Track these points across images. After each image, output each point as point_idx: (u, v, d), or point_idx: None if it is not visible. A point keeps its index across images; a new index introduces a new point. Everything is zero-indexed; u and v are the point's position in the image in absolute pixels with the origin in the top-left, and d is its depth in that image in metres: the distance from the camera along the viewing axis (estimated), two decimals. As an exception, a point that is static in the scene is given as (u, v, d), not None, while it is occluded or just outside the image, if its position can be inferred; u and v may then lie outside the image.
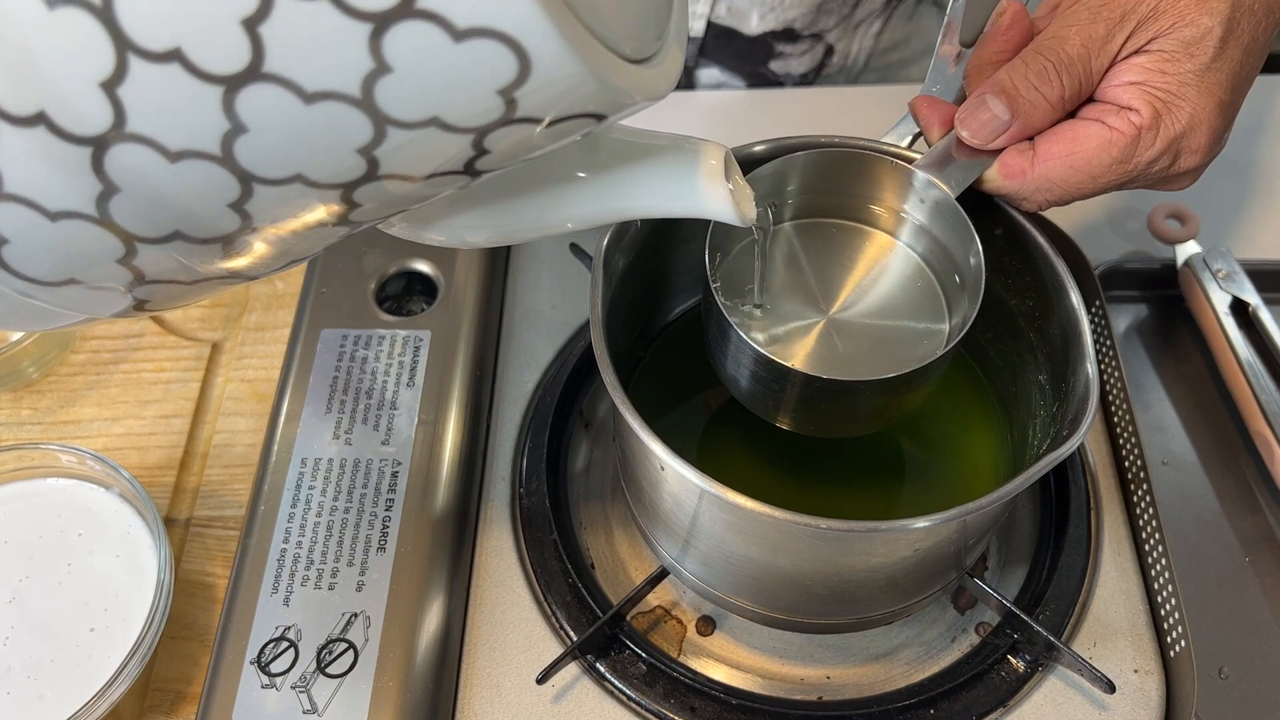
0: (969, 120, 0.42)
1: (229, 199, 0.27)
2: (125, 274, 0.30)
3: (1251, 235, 0.67)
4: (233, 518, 0.55)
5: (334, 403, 0.54)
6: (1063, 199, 0.43)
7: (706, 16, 0.75)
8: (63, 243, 0.28)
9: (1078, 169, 0.41)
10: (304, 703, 0.44)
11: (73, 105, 0.24)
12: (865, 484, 0.49)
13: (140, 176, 0.26)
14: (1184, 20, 0.40)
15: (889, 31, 0.79)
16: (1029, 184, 0.42)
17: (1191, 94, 0.41)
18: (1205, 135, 0.41)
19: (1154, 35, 0.41)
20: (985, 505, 0.36)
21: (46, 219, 0.27)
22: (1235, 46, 0.41)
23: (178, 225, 0.28)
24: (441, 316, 0.57)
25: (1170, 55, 0.41)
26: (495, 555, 0.51)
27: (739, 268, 0.45)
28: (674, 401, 0.51)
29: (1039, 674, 0.46)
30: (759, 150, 0.45)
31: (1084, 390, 0.39)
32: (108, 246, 0.28)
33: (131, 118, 0.24)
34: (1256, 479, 0.57)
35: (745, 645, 0.49)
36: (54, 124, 0.25)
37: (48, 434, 0.58)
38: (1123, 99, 0.41)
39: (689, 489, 0.39)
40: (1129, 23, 0.41)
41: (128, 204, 0.27)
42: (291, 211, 0.28)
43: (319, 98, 0.24)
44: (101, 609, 0.49)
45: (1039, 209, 0.44)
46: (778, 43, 0.77)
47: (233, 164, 0.26)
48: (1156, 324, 0.64)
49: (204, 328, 0.63)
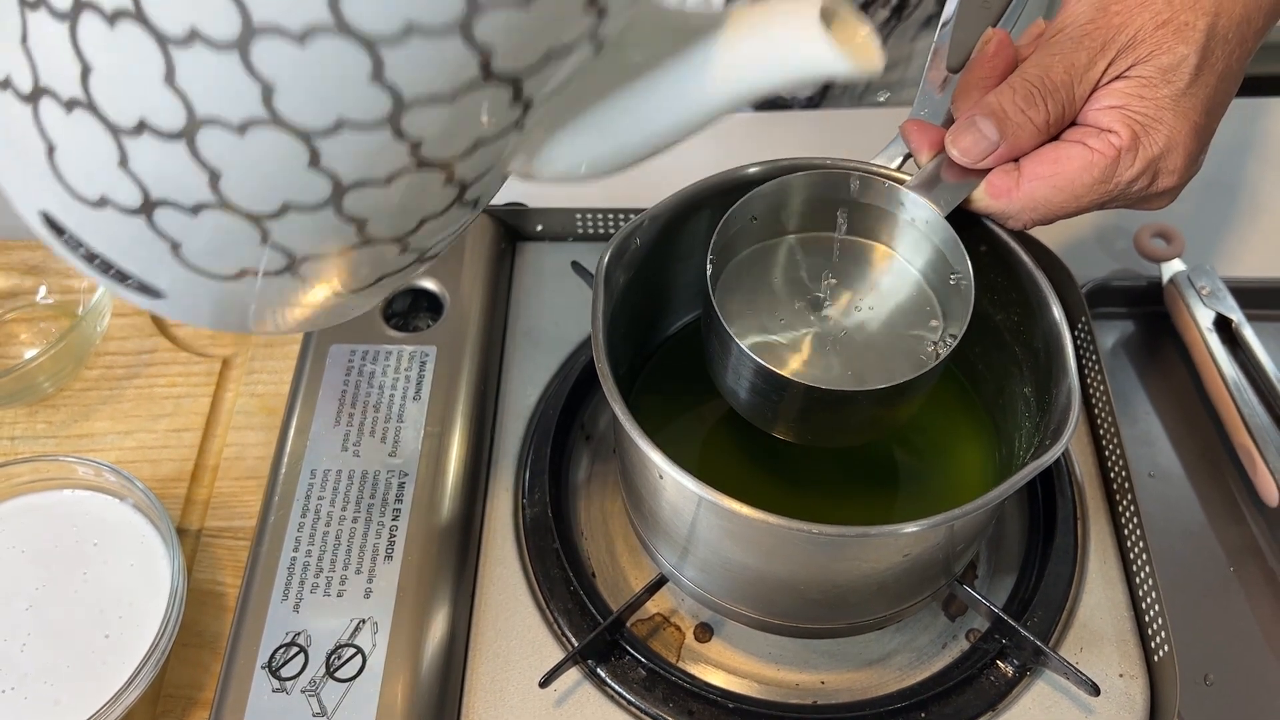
0: (959, 140, 0.43)
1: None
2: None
3: (1235, 254, 0.68)
4: (242, 528, 0.56)
5: (342, 416, 0.55)
6: (1047, 218, 0.44)
7: None
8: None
9: (1061, 189, 0.43)
10: (314, 706, 0.46)
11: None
12: (858, 493, 0.50)
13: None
14: (1161, 48, 0.42)
15: (889, 51, 0.80)
16: (1015, 203, 0.44)
17: (1168, 117, 0.42)
18: (1181, 156, 0.43)
19: (1133, 62, 0.43)
20: (971, 511, 0.37)
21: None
22: (1210, 73, 0.43)
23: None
24: (447, 332, 0.58)
25: (1148, 81, 0.42)
26: (499, 563, 0.52)
27: (739, 279, 0.47)
28: (673, 413, 0.52)
29: (1027, 678, 0.48)
30: (753, 172, 0.47)
31: (1066, 401, 0.40)
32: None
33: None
34: (1241, 491, 0.58)
35: (742, 651, 0.50)
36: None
37: (62, 447, 0.60)
38: (1103, 122, 0.43)
39: (687, 496, 0.41)
40: (1110, 50, 0.43)
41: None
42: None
43: None
44: (116, 617, 0.50)
45: (1025, 227, 0.45)
46: None
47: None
48: (1143, 340, 0.65)
49: (215, 344, 0.65)
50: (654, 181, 0.51)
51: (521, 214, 0.65)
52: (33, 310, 0.65)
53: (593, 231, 0.65)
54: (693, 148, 0.77)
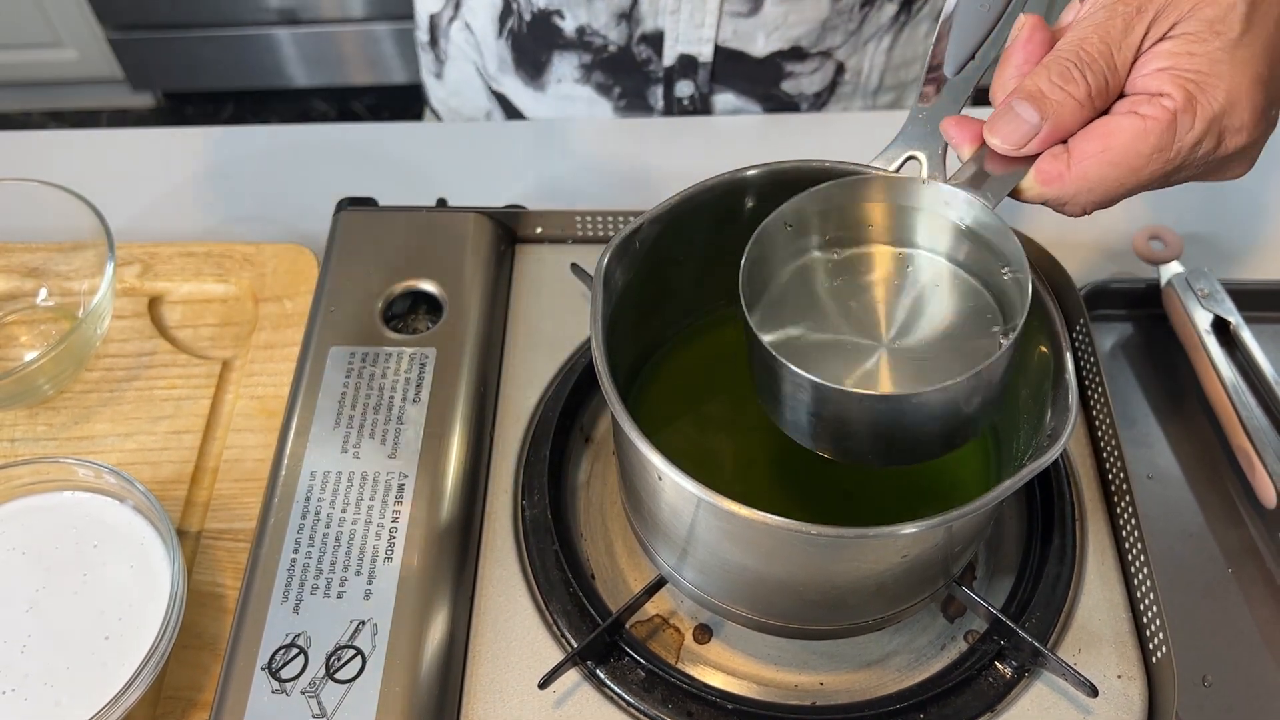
0: (999, 128, 0.41)
1: None
2: None
3: (1232, 256, 0.68)
4: (242, 530, 0.57)
5: (342, 418, 0.55)
6: (1106, 198, 0.41)
7: (713, 40, 0.77)
8: None
9: (1116, 164, 0.40)
10: (313, 707, 0.46)
11: None
12: (857, 494, 0.50)
13: None
14: (1204, 1, 0.39)
15: (900, 48, 0.79)
16: (1069, 187, 0.41)
17: (1224, 70, 0.39)
18: (1247, 111, 0.39)
19: (1175, 20, 0.40)
20: (969, 512, 0.37)
21: None
22: (1265, 18, 0.40)
23: None
24: (447, 334, 0.59)
25: (1196, 36, 0.39)
26: (498, 565, 0.52)
27: (782, 305, 0.44)
28: (672, 415, 0.52)
29: (1025, 679, 0.48)
30: (753, 174, 0.47)
31: (1064, 403, 0.40)
32: None
33: None
34: (1239, 493, 0.59)
35: (741, 652, 0.50)
36: None
37: (62, 449, 0.60)
38: (1153, 86, 0.40)
39: (686, 498, 0.41)
40: (1146, 14, 0.40)
41: None
42: None
43: None
44: (116, 618, 0.50)
45: (1084, 212, 0.42)
46: (787, 62, 0.78)
47: None
48: (1141, 342, 0.65)
49: (215, 346, 0.65)
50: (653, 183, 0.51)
51: (521, 216, 0.65)
52: (33, 312, 0.65)
53: (592, 233, 0.65)
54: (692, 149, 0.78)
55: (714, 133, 0.79)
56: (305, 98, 2.13)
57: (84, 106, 2.14)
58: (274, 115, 2.12)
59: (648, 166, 0.75)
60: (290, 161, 0.77)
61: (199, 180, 0.76)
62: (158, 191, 0.75)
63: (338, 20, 1.94)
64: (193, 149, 0.79)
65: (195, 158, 0.78)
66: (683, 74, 0.79)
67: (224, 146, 0.79)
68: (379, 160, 0.77)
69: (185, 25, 1.94)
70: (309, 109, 2.13)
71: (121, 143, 0.81)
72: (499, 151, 0.78)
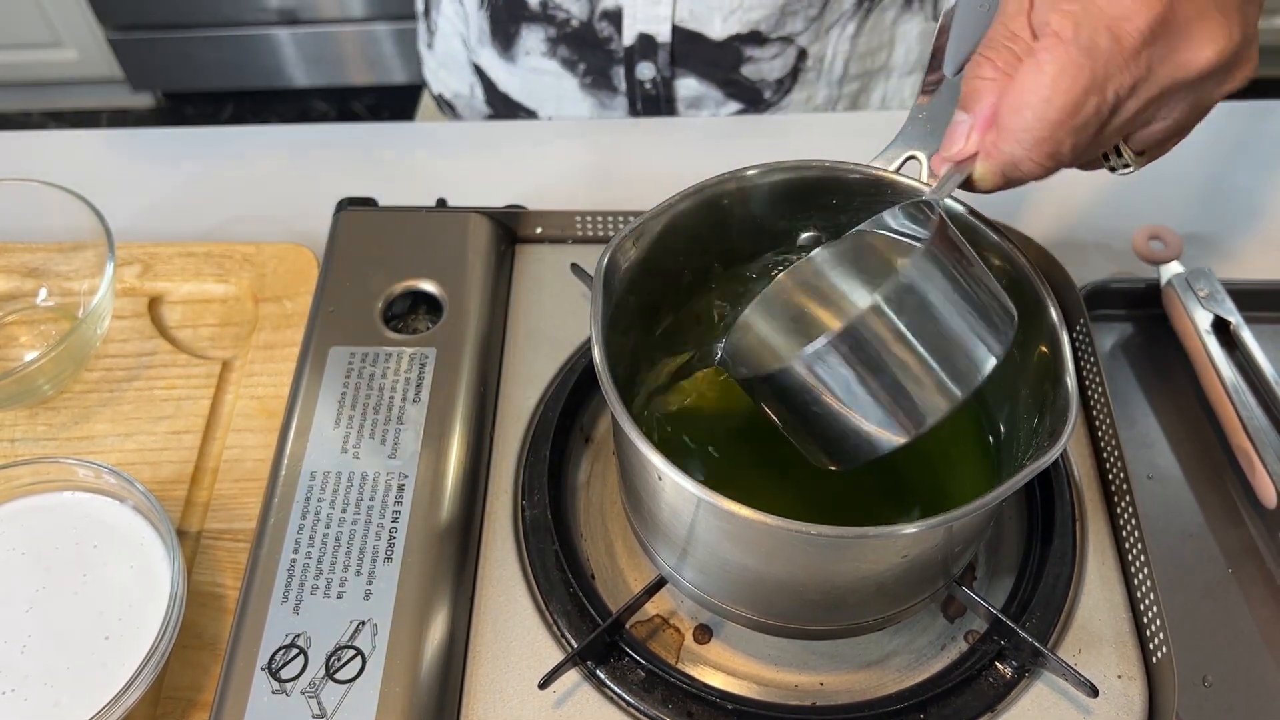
0: (947, 146, 0.43)
1: None
2: None
3: (1232, 256, 0.68)
4: (242, 530, 0.57)
5: (342, 418, 0.55)
6: (1054, 147, 0.40)
7: (670, 19, 0.77)
8: None
9: (1029, 103, 0.39)
10: (313, 708, 0.46)
11: None
12: (857, 494, 0.50)
13: None
14: None
15: (865, 35, 0.79)
16: (1004, 148, 0.41)
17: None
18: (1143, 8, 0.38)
19: None
20: (969, 512, 0.37)
21: None
22: None
23: None
24: (447, 335, 0.59)
25: None
26: (498, 565, 0.52)
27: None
28: (672, 416, 0.52)
29: (1026, 679, 0.48)
30: (752, 174, 0.47)
31: (1064, 403, 0.40)
32: None
33: None
34: (1239, 493, 0.59)
35: (741, 653, 0.50)
36: None
37: (62, 449, 0.60)
38: (1043, 26, 0.40)
39: (686, 498, 0.41)
40: None
41: None
42: None
43: None
44: (116, 619, 0.50)
45: (1043, 172, 0.41)
46: (745, 46, 0.78)
47: None
48: (1141, 342, 0.65)
49: (214, 346, 0.65)
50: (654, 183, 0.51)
51: (521, 216, 0.65)
52: (33, 313, 0.65)
53: (592, 233, 0.65)
54: (693, 149, 0.78)
55: (715, 133, 0.79)
56: (305, 98, 2.13)
57: (84, 107, 2.14)
58: (274, 115, 2.13)
59: (648, 167, 0.75)
60: (290, 161, 0.77)
61: (199, 180, 0.76)
62: (158, 191, 0.75)
63: (337, 20, 1.94)
64: (193, 149, 0.79)
65: (195, 158, 0.78)
66: (643, 55, 0.79)
67: (224, 146, 0.79)
68: (379, 160, 0.77)
69: (185, 25, 1.94)
70: (309, 109, 2.13)
71: (121, 143, 0.81)
72: (499, 151, 0.78)
